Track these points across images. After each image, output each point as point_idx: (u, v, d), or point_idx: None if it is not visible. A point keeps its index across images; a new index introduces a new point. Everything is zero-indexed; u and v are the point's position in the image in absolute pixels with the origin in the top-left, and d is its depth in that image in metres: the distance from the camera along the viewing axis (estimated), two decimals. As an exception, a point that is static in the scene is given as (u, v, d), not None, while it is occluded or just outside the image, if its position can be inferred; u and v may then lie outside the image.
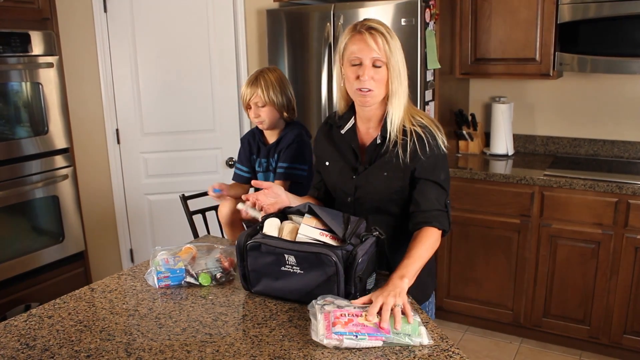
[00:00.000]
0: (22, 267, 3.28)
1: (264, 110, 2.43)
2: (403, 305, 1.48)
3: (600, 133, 3.49)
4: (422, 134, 1.79)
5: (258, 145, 2.58)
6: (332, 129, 1.98)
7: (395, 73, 1.75)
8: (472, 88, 3.82)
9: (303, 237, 1.66)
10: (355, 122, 1.92)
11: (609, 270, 2.98)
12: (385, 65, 1.75)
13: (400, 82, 1.77)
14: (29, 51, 3.19)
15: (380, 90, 1.78)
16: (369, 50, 1.73)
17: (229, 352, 1.41)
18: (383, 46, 1.73)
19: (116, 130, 3.77)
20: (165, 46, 3.70)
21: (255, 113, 2.45)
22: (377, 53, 1.73)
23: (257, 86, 2.42)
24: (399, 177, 1.81)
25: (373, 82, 1.75)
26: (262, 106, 2.42)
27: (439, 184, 1.80)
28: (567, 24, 3.09)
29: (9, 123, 3.19)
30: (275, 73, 2.48)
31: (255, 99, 2.42)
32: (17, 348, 1.46)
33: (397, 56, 1.76)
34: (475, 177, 3.22)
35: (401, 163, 1.79)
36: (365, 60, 1.74)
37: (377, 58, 1.74)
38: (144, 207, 3.90)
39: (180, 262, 1.84)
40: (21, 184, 3.21)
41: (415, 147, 1.78)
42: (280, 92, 2.43)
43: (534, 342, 3.30)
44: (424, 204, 1.78)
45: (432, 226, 1.76)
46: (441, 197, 1.80)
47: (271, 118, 2.45)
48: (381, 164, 1.83)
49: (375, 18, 1.87)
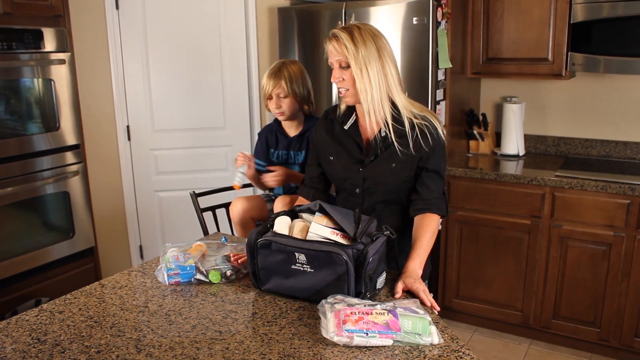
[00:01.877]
0: (33, 262, 3.30)
1: (285, 102, 2.48)
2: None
3: (613, 134, 3.46)
4: (424, 126, 1.92)
5: (276, 138, 2.62)
6: (334, 124, 2.07)
7: (357, 72, 1.87)
8: (483, 88, 3.80)
9: (314, 235, 1.66)
10: (357, 118, 2.01)
11: (620, 273, 2.96)
12: (348, 66, 1.88)
13: (367, 79, 1.86)
14: (42, 48, 3.20)
15: (354, 89, 1.91)
16: (334, 53, 1.90)
17: (239, 350, 1.41)
18: (342, 50, 1.87)
19: (127, 127, 3.78)
20: (177, 44, 3.71)
21: (277, 104, 2.49)
22: (338, 56, 1.89)
23: (280, 77, 2.46)
24: (406, 167, 1.94)
25: (344, 82, 1.91)
26: (284, 97, 2.48)
27: (439, 172, 1.96)
28: (580, 24, 3.07)
29: (21, 119, 3.21)
30: (297, 65, 2.53)
31: (278, 90, 2.47)
32: (28, 342, 1.47)
33: (361, 56, 1.86)
34: (486, 178, 3.21)
35: (407, 154, 1.92)
36: (333, 63, 1.92)
37: (340, 60, 1.90)
38: (154, 204, 3.92)
39: (191, 259, 1.84)
40: (32, 180, 3.23)
41: (419, 138, 1.91)
42: (302, 84, 2.49)
43: (543, 343, 3.28)
44: (425, 193, 1.94)
45: (432, 212, 1.92)
46: (440, 184, 1.96)
47: (292, 109, 2.51)
48: (388, 156, 1.94)
49: (354, 22, 2.09)
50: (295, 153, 2.58)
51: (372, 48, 1.87)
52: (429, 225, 1.89)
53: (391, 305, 1.48)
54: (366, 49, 1.86)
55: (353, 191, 2.02)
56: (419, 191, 1.95)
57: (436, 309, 1.63)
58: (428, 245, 1.85)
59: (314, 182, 2.17)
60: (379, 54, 1.88)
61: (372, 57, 1.86)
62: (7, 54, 3.05)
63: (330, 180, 2.14)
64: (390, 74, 1.90)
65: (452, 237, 3.38)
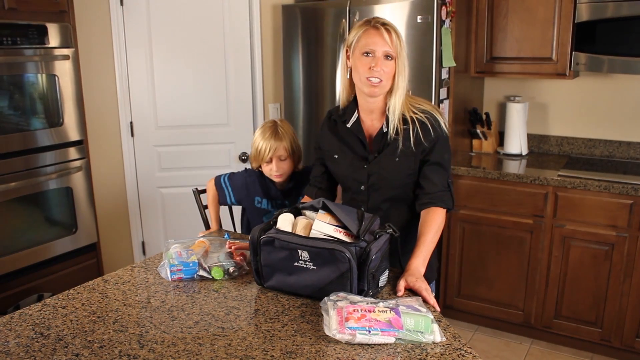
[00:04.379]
0: (35, 257, 3.30)
1: (286, 163, 2.34)
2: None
3: (616, 134, 3.46)
4: (426, 119, 1.93)
5: (268, 187, 2.45)
6: (337, 124, 2.07)
7: (401, 68, 1.88)
8: (486, 87, 3.80)
9: (317, 232, 1.66)
10: (359, 115, 2.01)
11: (623, 273, 2.96)
12: (394, 59, 1.87)
13: (404, 77, 1.90)
14: (46, 43, 3.20)
15: (388, 82, 1.89)
16: (383, 43, 1.85)
17: (241, 346, 1.41)
18: (395, 42, 1.86)
19: (130, 123, 3.78)
20: (181, 40, 3.71)
21: (278, 166, 2.32)
22: (390, 47, 1.86)
23: (281, 139, 2.31)
24: (410, 161, 1.94)
25: (383, 74, 1.87)
26: (284, 159, 2.33)
27: (442, 165, 1.95)
28: (585, 24, 3.06)
29: (24, 114, 3.21)
30: (287, 124, 2.41)
31: (280, 152, 2.31)
32: (31, 337, 1.47)
33: (404, 53, 1.89)
34: (489, 177, 3.21)
35: (410, 148, 1.92)
36: (378, 52, 1.86)
37: (389, 52, 1.86)
38: (157, 200, 3.92)
39: (193, 256, 1.84)
40: (35, 175, 3.23)
41: (421, 131, 1.92)
42: (297, 143, 2.37)
43: (545, 343, 3.28)
44: (429, 187, 1.93)
45: (437, 206, 1.91)
46: (444, 177, 1.95)
47: (289, 171, 2.38)
48: (391, 151, 1.94)
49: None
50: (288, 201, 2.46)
51: (405, 47, 1.92)
52: (433, 221, 1.87)
53: (393, 303, 1.48)
54: (405, 48, 1.90)
55: (358, 189, 2.02)
56: (422, 185, 1.94)
57: (436, 309, 1.63)
58: (432, 242, 1.84)
59: (317, 181, 2.18)
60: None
61: (406, 56, 1.91)
62: (12, 49, 3.05)
63: (335, 179, 2.15)
64: None
65: (455, 235, 3.38)
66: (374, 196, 2.01)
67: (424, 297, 1.65)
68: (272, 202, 2.47)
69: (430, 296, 1.66)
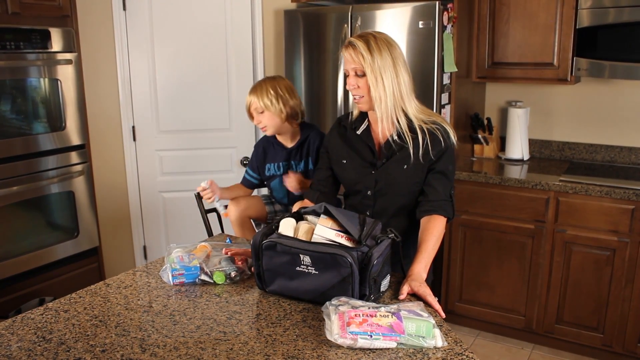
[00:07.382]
0: (37, 261, 3.31)
1: (263, 116, 2.48)
2: None
3: (618, 139, 3.46)
4: (435, 130, 1.97)
5: (274, 149, 2.61)
6: (347, 130, 2.12)
7: (372, 81, 1.91)
8: (488, 92, 3.80)
9: (319, 237, 1.66)
10: (369, 124, 2.06)
11: (624, 278, 2.95)
12: (365, 74, 1.92)
13: (382, 88, 1.91)
14: (49, 48, 3.22)
15: (368, 96, 1.95)
16: (351, 61, 1.94)
17: (243, 351, 1.41)
18: (359, 58, 1.91)
19: (132, 127, 3.79)
20: (183, 45, 3.72)
21: (256, 119, 2.51)
22: (354, 64, 1.93)
23: (253, 93, 2.49)
24: (417, 169, 1.98)
25: (359, 89, 1.95)
26: (260, 112, 2.48)
27: (446, 175, 1.98)
28: (586, 29, 3.07)
29: (27, 118, 3.22)
30: (274, 81, 2.52)
31: (255, 106, 2.48)
32: (33, 341, 1.47)
33: (378, 64, 1.90)
34: (490, 182, 3.21)
35: (418, 157, 1.96)
36: (350, 71, 1.96)
37: (356, 68, 1.93)
38: (159, 205, 3.93)
39: (195, 260, 1.85)
40: (37, 179, 3.24)
41: (431, 141, 1.95)
42: (276, 98, 2.45)
43: (546, 348, 3.28)
44: (432, 195, 1.96)
45: (438, 214, 1.93)
46: (447, 187, 1.98)
47: (273, 124, 2.50)
48: (400, 159, 1.98)
49: (369, 30, 2.11)
50: (296, 163, 2.57)
51: (388, 57, 1.91)
52: (434, 228, 1.89)
53: (395, 308, 1.49)
54: (382, 59, 1.90)
55: (365, 193, 2.05)
56: (425, 192, 1.97)
57: (441, 315, 1.63)
58: (433, 249, 1.85)
59: (320, 185, 2.19)
60: (394, 63, 1.92)
61: (387, 66, 1.91)
62: (15, 54, 3.07)
63: (342, 183, 2.18)
64: (404, 83, 1.95)
65: (456, 240, 3.38)
66: (380, 201, 2.04)
67: (429, 302, 1.65)
68: (276, 164, 2.61)
69: (435, 301, 1.66)
